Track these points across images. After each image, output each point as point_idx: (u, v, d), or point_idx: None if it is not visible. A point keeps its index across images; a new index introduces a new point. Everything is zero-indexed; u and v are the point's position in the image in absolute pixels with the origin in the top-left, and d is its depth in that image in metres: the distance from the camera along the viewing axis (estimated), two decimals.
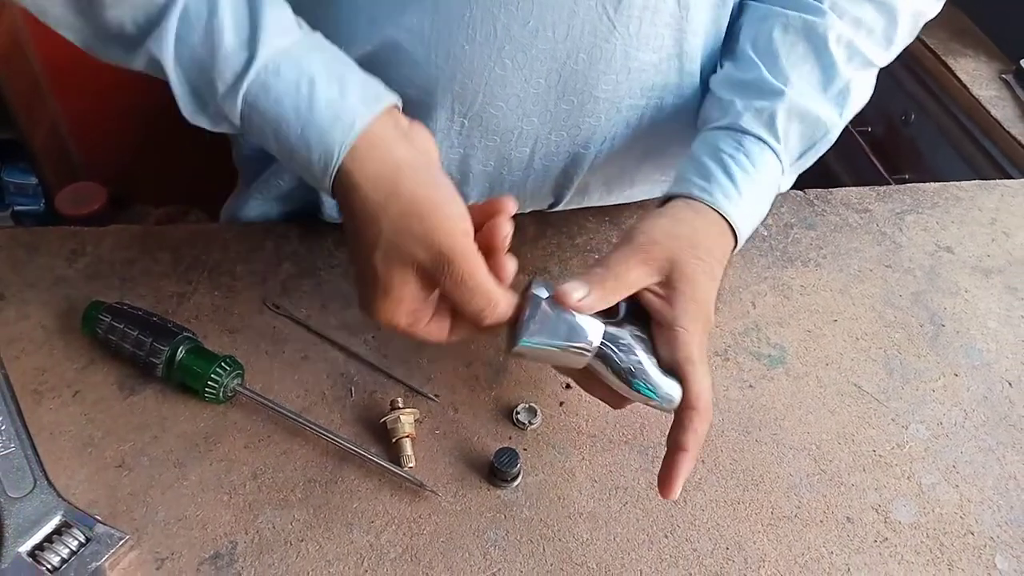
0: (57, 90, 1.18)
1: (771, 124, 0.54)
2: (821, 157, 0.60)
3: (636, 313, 0.49)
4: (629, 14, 0.54)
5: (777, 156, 0.55)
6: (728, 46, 0.61)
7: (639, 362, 0.47)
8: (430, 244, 0.43)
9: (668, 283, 0.49)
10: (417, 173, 0.44)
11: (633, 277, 0.48)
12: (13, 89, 1.16)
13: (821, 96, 0.56)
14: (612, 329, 0.47)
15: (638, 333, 0.48)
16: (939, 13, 0.61)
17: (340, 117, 0.44)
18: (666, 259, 0.49)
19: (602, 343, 0.46)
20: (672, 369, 0.48)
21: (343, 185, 0.44)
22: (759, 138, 0.54)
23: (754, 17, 0.59)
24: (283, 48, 0.44)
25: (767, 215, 0.73)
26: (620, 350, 0.47)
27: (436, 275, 0.44)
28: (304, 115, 0.44)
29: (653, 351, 0.48)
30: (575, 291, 0.46)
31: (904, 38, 0.60)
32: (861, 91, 0.58)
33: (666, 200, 0.55)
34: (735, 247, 0.53)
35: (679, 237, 0.50)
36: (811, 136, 0.57)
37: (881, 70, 0.61)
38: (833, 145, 0.59)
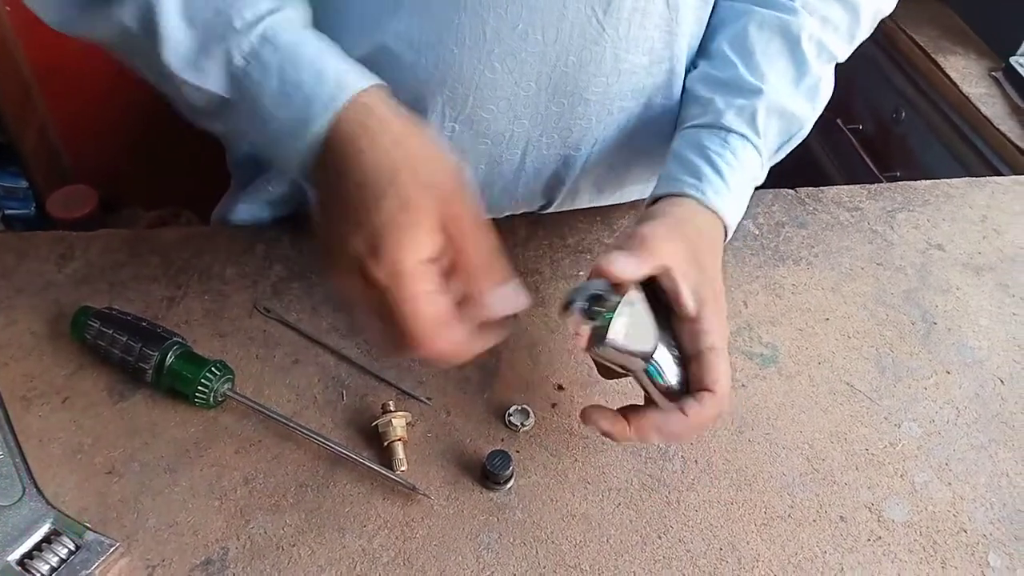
0: (47, 93, 1.17)
1: (752, 121, 0.56)
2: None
3: (656, 307, 0.50)
4: (619, 16, 0.54)
5: (758, 151, 0.56)
6: (702, 45, 0.61)
7: (676, 378, 0.49)
8: (450, 172, 0.43)
9: (695, 277, 0.49)
10: (423, 131, 0.45)
11: (666, 244, 0.48)
12: (2, 92, 1.15)
13: (795, 92, 0.58)
14: (662, 342, 0.48)
15: (674, 343, 0.49)
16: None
17: (355, 70, 0.45)
18: (690, 242, 0.50)
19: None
20: (694, 357, 0.48)
21: (351, 122, 0.43)
22: (742, 135, 0.55)
23: (728, 16, 0.60)
24: (305, 17, 0.47)
25: (759, 214, 0.73)
26: (665, 363, 0.48)
27: (454, 209, 0.42)
28: (325, 53, 0.45)
29: (681, 361, 0.49)
30: (615, 262, 0.46)
31: (864, 34, 0.61)
32: (828, 86, 0.60)
33: (656, 199, 0.55)
34: (725, 239, 0.55)
35: (685, 232, 0.51)
36: (787, 131, 0.58)
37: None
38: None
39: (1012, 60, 1.15)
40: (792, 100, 0.57)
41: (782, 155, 0.61)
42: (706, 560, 0.49)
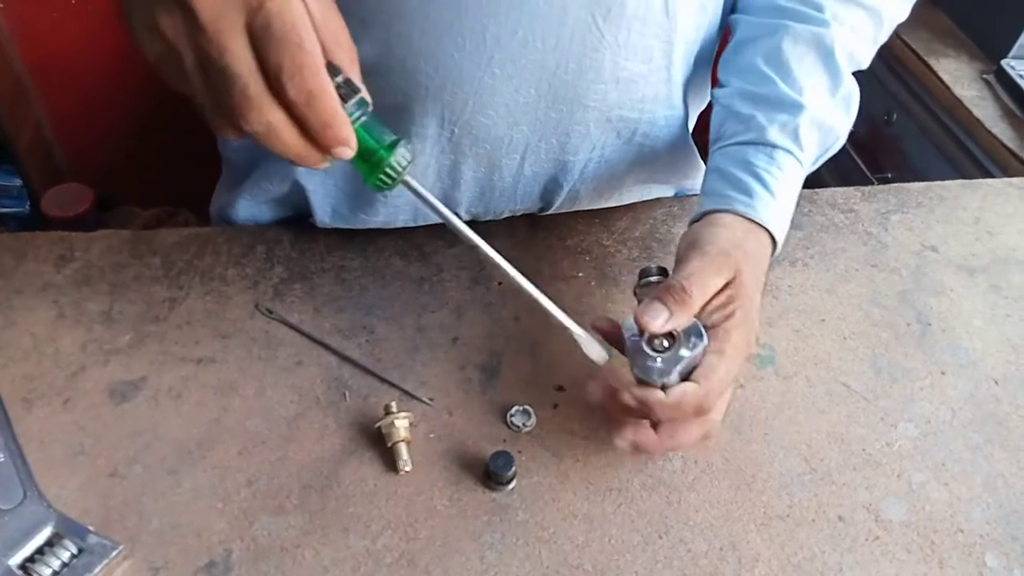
0: (41, 90, 1.16)
1: (796, 136, 0.56)
2: None
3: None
4: (618, 23, 0.54)
5: (801, 164, 0.57)
6: (733, 61, 0.61)
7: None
8: None
9: (730, 294, 0.50)
10: None
11: (711, 287, 0.50)
12: None
13: (832, 104, 0.58)
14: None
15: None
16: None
17: None
18: (735, 270, 0.51)
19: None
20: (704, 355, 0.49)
21: None
22: (787, 150, 0.56)
23: (760, 32, 0.60)
24: None
25: None
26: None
27: None
28: None
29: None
30: (656, 319, 0.48)
31: (884, 39, 0.62)
32: (857, 94, 0.60)
33: (704, 214, 0.56)
34: (773, 253, 0.56)
35: (739, 247, 0.52)
36: (825, 142, 0.59)
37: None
38: None
39: (1004, 63, 1.16)
40: (830, 113, 0.58)
41: (818, 166, 0.61)
42: (707, 560, 0.50)
